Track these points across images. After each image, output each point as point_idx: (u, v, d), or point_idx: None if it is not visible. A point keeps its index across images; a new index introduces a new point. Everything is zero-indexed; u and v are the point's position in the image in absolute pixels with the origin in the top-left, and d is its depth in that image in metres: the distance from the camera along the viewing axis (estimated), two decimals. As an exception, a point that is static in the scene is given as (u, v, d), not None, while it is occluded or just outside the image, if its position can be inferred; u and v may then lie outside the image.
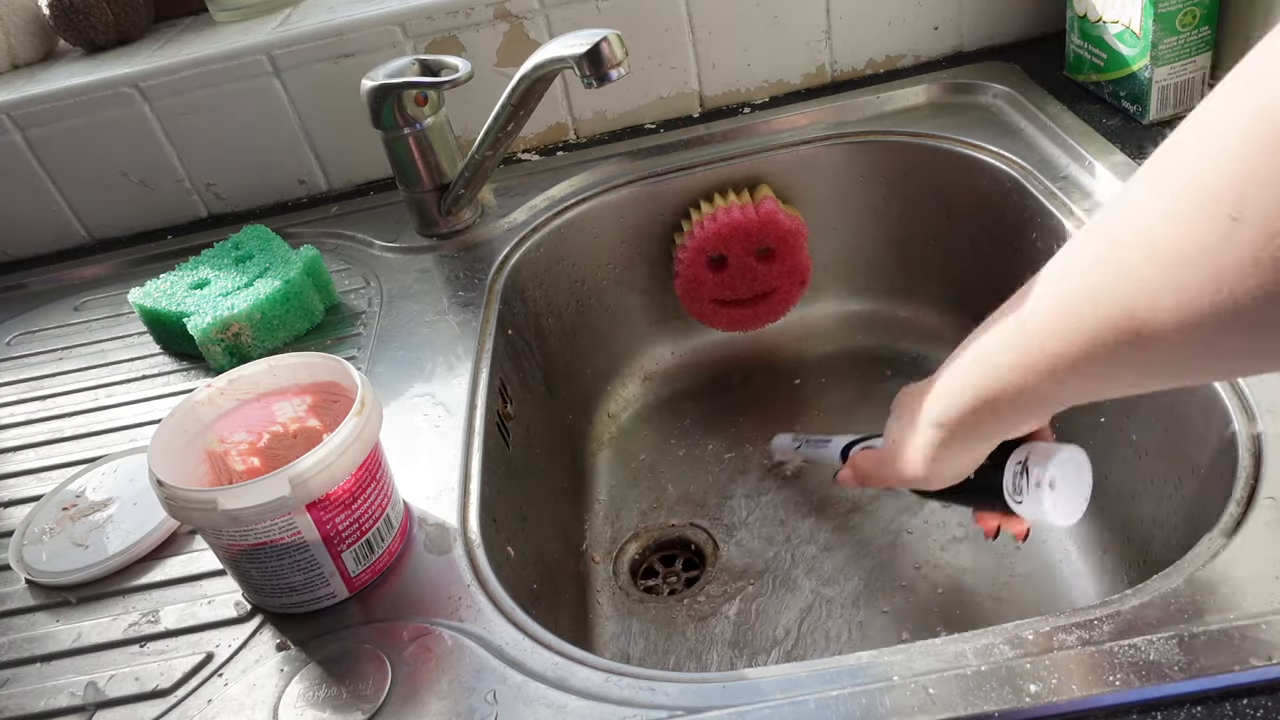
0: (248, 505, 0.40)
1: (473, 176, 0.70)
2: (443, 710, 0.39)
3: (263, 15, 0.84)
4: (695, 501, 0.72)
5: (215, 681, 0.42)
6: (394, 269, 0.72)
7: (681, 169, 0.76)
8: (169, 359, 0.68)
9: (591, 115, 0.83)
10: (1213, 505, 0.43)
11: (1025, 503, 0.42)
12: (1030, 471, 0.41)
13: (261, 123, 0.81)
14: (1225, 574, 0.37)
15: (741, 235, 0.74)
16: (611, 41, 0.56)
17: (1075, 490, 0.42)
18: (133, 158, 0.82)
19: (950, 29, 0.80)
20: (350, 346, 0.64)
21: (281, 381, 0.49)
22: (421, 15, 0.76)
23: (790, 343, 0.84)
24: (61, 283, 0.83)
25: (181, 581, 0.49)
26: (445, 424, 0.55)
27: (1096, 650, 0.35)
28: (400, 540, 0.47)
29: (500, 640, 0.41)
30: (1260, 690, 0.33)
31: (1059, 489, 0.41)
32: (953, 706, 0.34)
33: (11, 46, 0.86)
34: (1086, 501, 0.42)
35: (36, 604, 0.49)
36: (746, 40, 0.79)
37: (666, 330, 0.84)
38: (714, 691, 0.37)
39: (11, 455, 0.61)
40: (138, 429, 0.61)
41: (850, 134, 0.76)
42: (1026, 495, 0.42)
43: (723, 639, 0.62)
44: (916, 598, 0.61)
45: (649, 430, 0.80)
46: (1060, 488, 0.41)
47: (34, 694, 0.44)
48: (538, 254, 0.73)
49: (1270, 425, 0.43)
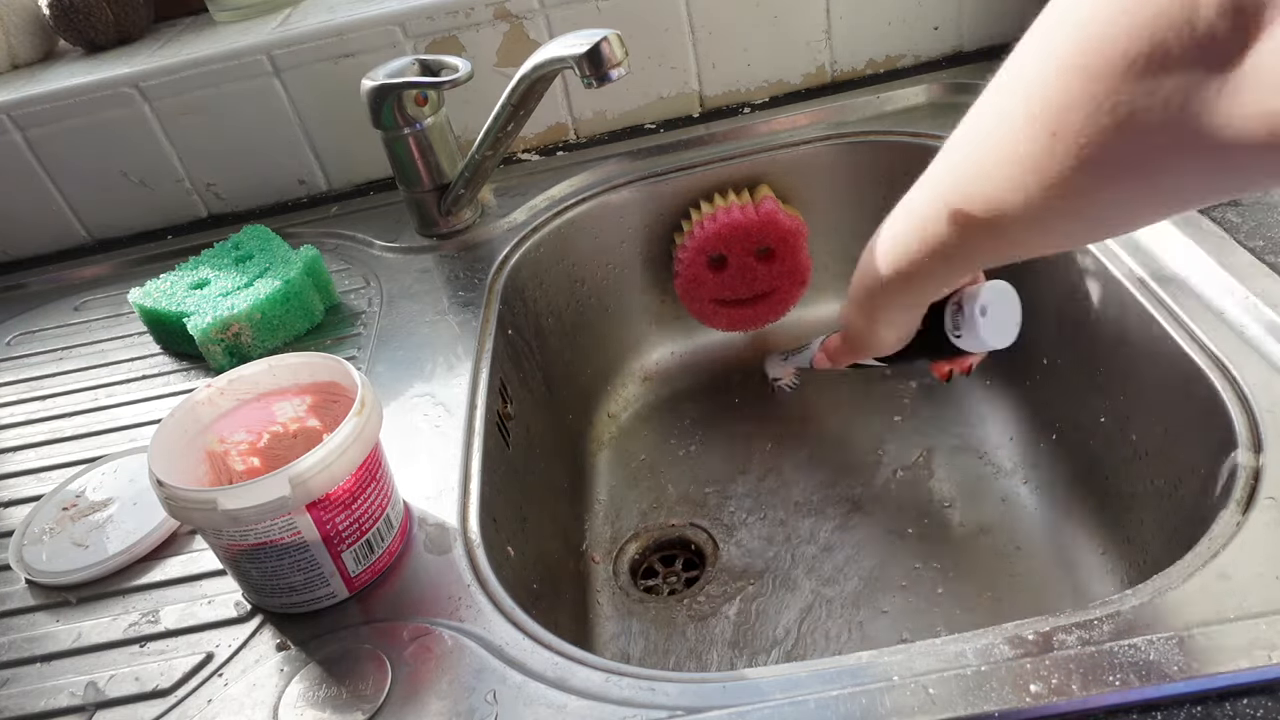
0: (248, 505, 0.40)
1: (473, 176, 0.70)
2: (443, 710, 0.39)
3: (263, 15, 0.84)
4: (695, 501, 0.72)
5: (215, 681, 0.42)
6: (394, 269, 0.72)
7: (681, 169, 0.77)
8: (169, 359, 0.68)
9: (591, 115, 0.83)
10: (1213, 505, 0.43)
11: (964, 334, 0.49)
12: (963, 307, 0.49)
13: (261, 123, 0.81)
14: (1225, 574, 0.37)
15: (741, 235, 0.74)
16: (611, 41, 0.56)
17: (1006, 314, 0.49)
18: (133, 158, 0.82)
19: (950, 29, 0.80)
20: (350, 346, 0.64)
21: (281, 381, 0.49)
22: (421, 15, 0.76)
23: (790, 343, 0.83)
24: (61, 283, 0.83)
25: (181, 581, 0.49)
26: (445, 424, 0.55)
27: (1096, 650, 0.35)
28: (400, 540, 0.47)
29: (500, 640, 0.41)
30: (1260, 690, 0.33)
31: (990, 314, 0.48)
32: (953, 706, 0.34)
33: (11, 46, 0.86)
34: (1018, 326, 0.50)
35: (36, 604, 0.49)
36: (746, 40, 0.79)
37: (666, 330, 0.84)
38: (714, 691, 0.37)
39: (11, 455, 0.61)
40: (138, 429, 0.61)
41: (850, 134, 0.76)
42: (964, 327, 0.49)
43: (723, 639, 0.62)
44: (916, 598, 0.61)
45: (649, 430, 0.80)
46: (991, 313, 0.48)
47: (34, 694, 0.44)
48: (538, 254, 0.73)
49: (1270, 425, 0.43)
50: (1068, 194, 0.31)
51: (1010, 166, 0.33)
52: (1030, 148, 0.31)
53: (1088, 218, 0.33)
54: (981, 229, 0.37)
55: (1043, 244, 0.37)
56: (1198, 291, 0.51)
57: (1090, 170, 0.30)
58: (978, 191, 0.36)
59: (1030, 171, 0.32)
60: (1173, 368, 0.50)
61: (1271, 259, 0.51)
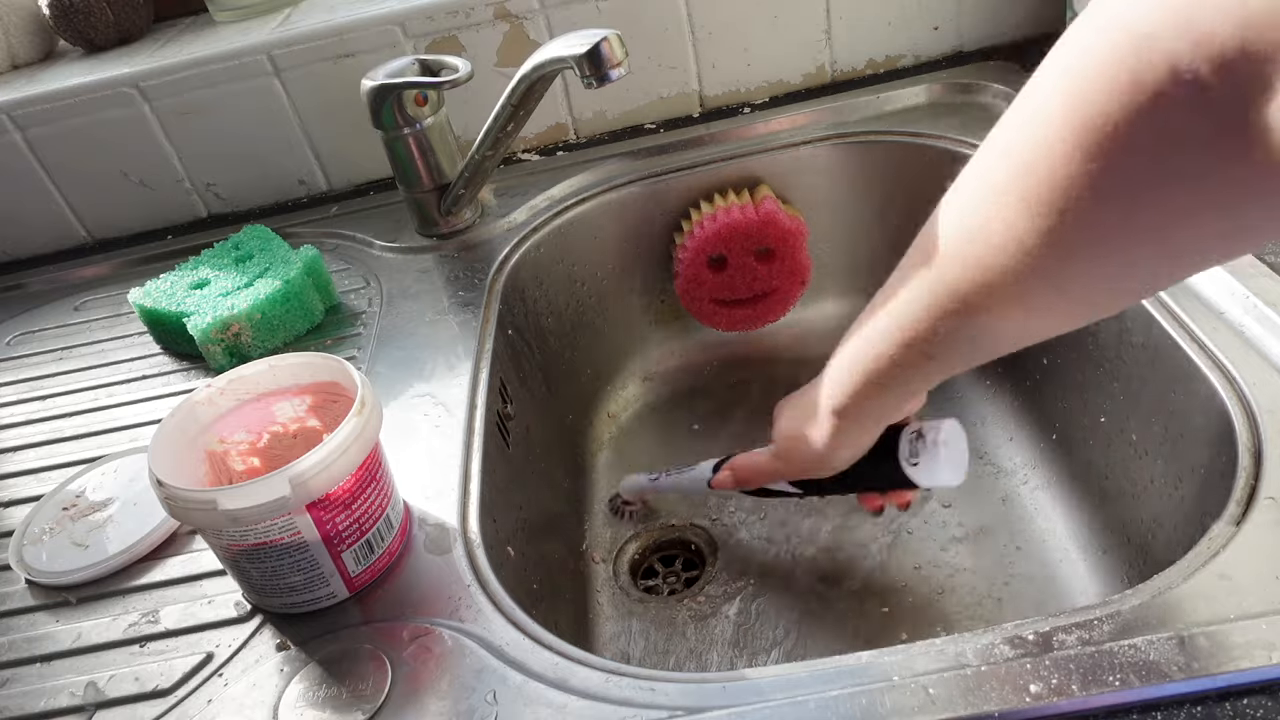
0: (248, 505, 0.40)
1: (473, 176, 0.70)
2: (443, 710, 0.39)
3: (263, 15, 0.84)
4: (695, 501, 0.72)
5: (215, 681, 0.42)
6: (394, 269, 0.72)
7: (681, 169, 0.76)
8: (169, 359, 0.68)
9: (591, 115, 0.83)
10: (1212, 505, 0.43)
11: (921, 463, 0.47)
12: (924, 436, 0.47)
13: (261, 123, 0.81)
14: (1225, 574, 0.37)
15: (741, 235, 0.74)
16: (611, 41, 0.56)
17: (961, 451, 0.48)
18: (133, 158, 0.82)
19: (950, 29, 0.80)
20: (350, 346, 0.64)
21: (281, 381, 0.49)
22: (421, 15, 0.76)
23: (790, 343, 0.84)
24: (61, 283, 0.83)
25: (181, 581, 0.49)
26: (445, 424, 0.55)
27: (1096, 650, 0.35)
28: (400, 540, 0.47)
29: (500, 640, 0.41)
30: (1260, 690, 0.33)
31: (951, 447, 0.47)
32: (953, 706, 0.34)
33: (11, 46, 0.86)
34: (967, 466, 0.48)
35: (36, 604, 0.49)
36: (746, 40, 0.79)
37: (666, 330, 0.84)
38: (714, 691, 0.37)
39: (11, 455, 0.61)
40: (138, 429, 0.61)
41: (850, 134, 0.76)
42: (923, 457, 0.47)
43: (723, 639, 0.62)
44: (916, 598, 0.61)
45: (649, 430, 0.80)
46: (952, 446, 0.47)
47: (34, 694, 0.44)
48: (538, 254, 0.73)
49: (1270, 425, 0.43)
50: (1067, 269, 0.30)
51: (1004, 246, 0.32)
52: (1028, 225, 0.30)
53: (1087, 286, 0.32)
54: (972, 316, 0.35)
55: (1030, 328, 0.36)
56: (1197, 291, 0.51)
57: (1091, 241, 0.29)
58: (967, 277, 0.34)
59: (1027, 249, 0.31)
60: (1172, 368, 0.50)
61: (1271, 259, 0.51)
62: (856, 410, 0.45)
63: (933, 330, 0.37)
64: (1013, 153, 0.30)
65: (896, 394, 0.44)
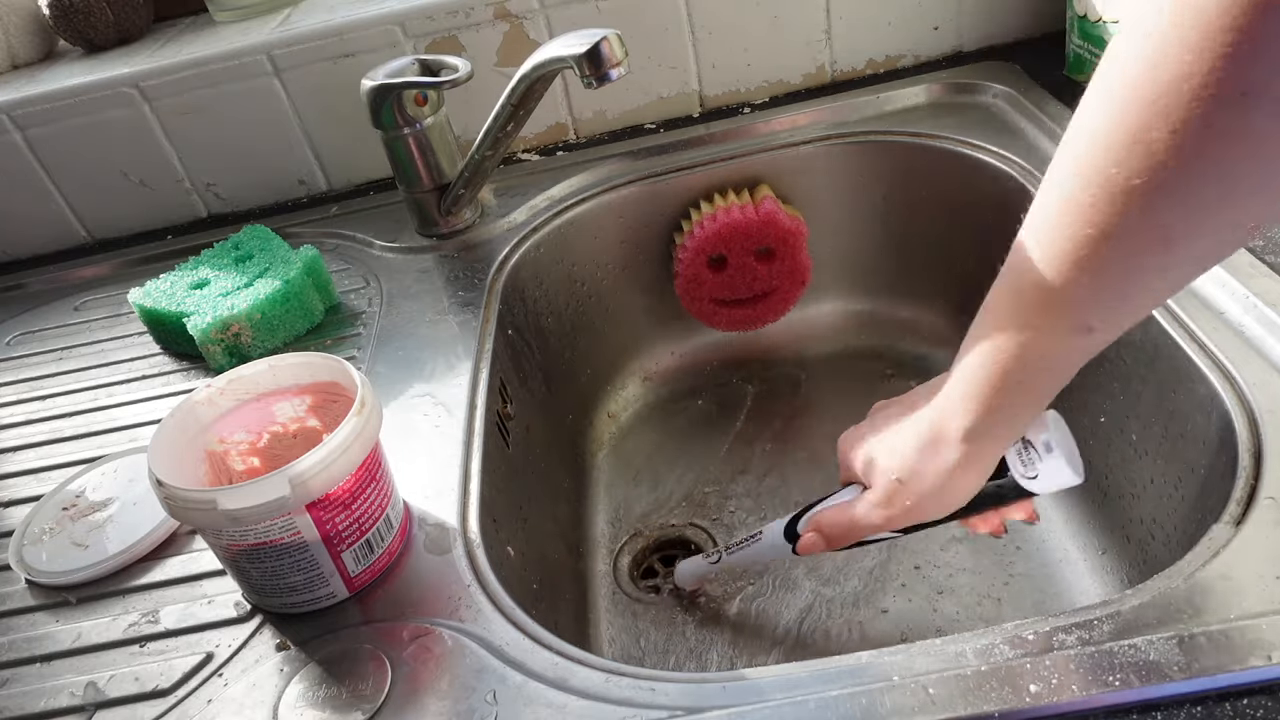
0: (247, 505, 0.40)
1: (473, 176, 0.70)
2: (443, 710, 0.39)
3: (263, 15, 0.84)
4: (695, 501, 0.72)
5: (215, 681, 0.42)
6: (394, 269, 0.72)
7: (681, 169, 0.76)
8: (169, 359, 0.68)
9: (591, 115, 0.83)
10: (1212, 505, 0.43)
11: (1041, 474, 0.42)
12: (1032, 444, 0.41)
13: (261, 123, 0.81)
14: (1225, 574, 0.37)
15: (741, 235, 0.74)
16: (611, 41, 0.56)
17: (1072, 444, 0.43)
18: (133, 158, 0.82)
19: (950, 29, 0.80)
20: (350, 346, 0.64)
21: (281, 381, 0.49)
22: (421, 15, 0.76)
23: (790, 343, 0.84)
24: (61, 283, 0.83)
25: (181, 581, 0.49)
26: (445, 424, 0.55)
27: (1096, 650, 0.35)
28: (400, 540, 0.47)
29: (500, 640, 0.41)
30: (1260, 690, 0.33)
31: (1064, 445, 0.41)
32: (953, 706, 0.34)
33: (11, 46, 0.86)
34: (1079, 456, 0.43)
35: (36, 604, 0.49)
36: (746, 40, 0.79)
37: (666, 330, 0.84)
38: (714, 691, 0.37)
39: (11, 455, 0.61)
40: (138, 429, 0.61)
41: (850, 134, 0.76)
42: (1040, 466, 0.41)
43: (723, 639, 0.62)
44: (916, 598, 0.61)
45: (649, 430, 0.80)
46: (1063, 444, 0.42)
47: (34, 694, 0.44)
48: (538, 254, 0.73)
49: (1270, 425, 0.43)
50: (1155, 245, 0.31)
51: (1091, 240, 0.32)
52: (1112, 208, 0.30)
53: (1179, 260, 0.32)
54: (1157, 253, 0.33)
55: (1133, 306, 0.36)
56: (1198, 291, 0.51)
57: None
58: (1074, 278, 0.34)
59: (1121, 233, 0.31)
60: (1173, 368, 0.50)
61: (1271, 259, 0.51)
62: (990, 426, 0.39)
63: (1101, 286, 0.34)
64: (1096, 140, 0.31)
65: (1044, 394, 0.39)
